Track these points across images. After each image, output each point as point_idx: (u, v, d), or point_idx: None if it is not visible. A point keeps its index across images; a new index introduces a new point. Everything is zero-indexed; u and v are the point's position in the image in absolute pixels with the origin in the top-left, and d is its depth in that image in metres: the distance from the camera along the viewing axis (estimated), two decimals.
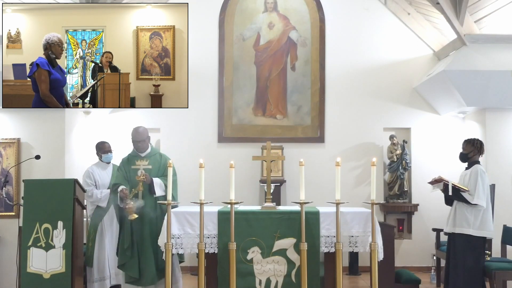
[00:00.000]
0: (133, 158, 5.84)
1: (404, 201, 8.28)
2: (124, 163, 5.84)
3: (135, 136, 5.79)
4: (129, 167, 5.76)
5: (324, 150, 8.42)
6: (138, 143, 5.78)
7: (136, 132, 5.79)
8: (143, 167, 5.71)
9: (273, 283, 5.17)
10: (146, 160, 5.79)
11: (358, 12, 8.57)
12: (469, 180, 5.57)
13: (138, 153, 5.83)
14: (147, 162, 5.77)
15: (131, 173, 5.72)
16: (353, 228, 5.23)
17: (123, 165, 5.84)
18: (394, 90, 8.50)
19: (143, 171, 5.64)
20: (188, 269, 8.05)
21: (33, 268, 5.28)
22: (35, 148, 7.07)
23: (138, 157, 5.82)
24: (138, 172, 5.62)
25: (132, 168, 5.75)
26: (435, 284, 7.21)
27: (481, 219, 5.50)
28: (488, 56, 7.20)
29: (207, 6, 8.46)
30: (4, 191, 6.84)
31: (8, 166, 7.01)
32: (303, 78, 8.51)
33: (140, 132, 5.78)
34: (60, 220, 5.30)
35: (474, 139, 5.81)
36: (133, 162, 5.79)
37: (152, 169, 5.74)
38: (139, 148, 5.80)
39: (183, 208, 5.61)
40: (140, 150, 5.81)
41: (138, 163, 5.77)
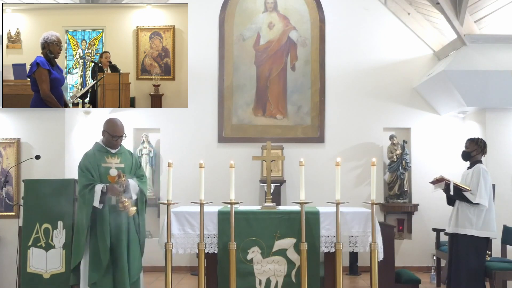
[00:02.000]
0: (101, 154, 4.92)
1: (404, 201, 8.29)
2: (90, 159, 4.88)
3: (114, 129, 4.91)
4: (97, 164, 4.85)
5: (324, 150, 8.42)
6: (116, 139, 4.91)
7: (115, 125, 4.93)
8: (115, 166, 4.87)
9: (273, 283, 5.17)
10: (117, 157, 4.95)
11: (358, 12, 8.57)
12: (471, 179, 5.55)
13: (109, 149, 4.95)
14: (118, 160, 4.94)
15: (101, 171, 4.83)
16: (353, 228, 5.23)
17: (89, 162, 4.86)
18: (394, 90, 8.50)
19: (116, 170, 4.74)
20: (188, 269, 8.06)
21: (33, 268, 5.28)
22: (35, 148, 7.07)
23: (108, 153, 4.93)
24: (110, 171, 4.69)
25: (103, 166, 4.85)
26: (435, 284, 7.21)
27: (483, 219, 5.49)
28: (488, 56, 7.21)
29: (207, 6, 8.46)
30: (4, 191, 6.84)
31: (8, 166, 7.01)
32: (303, 78, 8.51)
33: (119, 126, 4.95)
34: (60, 220, 5.30)
35: (478, 138, 5.79)
36: (102, 159, 4.89)
37: (124, 168, 4.93)
38: (115, 144, 4.94)
39: (183, 208, 5.61)
40: (115, 146, 4.95)
41: (108, 160, 4.91)
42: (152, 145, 8.47)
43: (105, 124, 4.95)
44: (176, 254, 5.42)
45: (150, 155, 8.38)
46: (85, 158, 4.90)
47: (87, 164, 4.84)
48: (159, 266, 7.68)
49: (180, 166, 7.68)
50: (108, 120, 4.98)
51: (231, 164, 5.09)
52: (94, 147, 4.97)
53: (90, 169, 4.82)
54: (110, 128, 4.91)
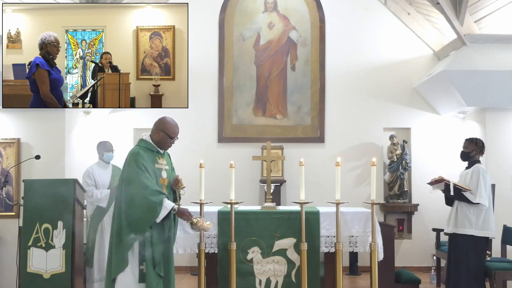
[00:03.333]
0: (152, 153, 4.38)
1: (404, 201, 8.29)
2: (143, 158, 4.25)
3: (174, 130, 4.46)
4: (151, 165, 4.30)
5: (324, 150, 8.42)
6: (173, 139, 4.47)
7: (174, 125, 4.48)
8: (164, 168, 4.41)
9: (273, 283, 5.17)
10: (164, 159, 4.47)
11: (358, 12, 8.57)
12: (470, 179, 5.55)
13: (160, 149, 4.45)
14: (164, 162, 4.46)
15: (156, 174, 4.32)
16: (353, 228, 5.23)
17: (144, 161, 4.23)
18: (394, 90, 8.51)
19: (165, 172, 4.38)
20: (188, 269, 8.06)
21: (33, 268, 5.28)
22: (35, 148, 7.06)
23: (159, 154, 4.43)
24: (162, 173, 4.35)
25: (156, 166, 4.35)
26: (435, 284, 7.21)
27: (483, 219, 5.49)
28: (488, 56, 7.21)
29: (207, 6, 8.47)
30: (4, 191, 6.83)
31: (8, 166, 7.01)
32: (303, 78, 8.51)
33: (177, 126, 4.52)
34: (60, 220, 5.30)
35: (477, 138, 5.80)
36: (154, 159, 4.35)
37: (168, 170, 4.47)
38: (169, 145, 4.48)
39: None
40: (167, 147, 4.49)
41: (160, 161, 4.40)
42: None
43: (161, 123, 4.43)
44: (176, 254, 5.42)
45: None
46: (139, 155, 4.24)
47: (145, 163, 4.22)
48: None
49: (180, 166, 7.65)
50: (164, 118, 4.48)
51: (231, 164, 5.09)
52: (143, 145, 4.37)
53: (148, 168, 4.24)
54: (169, 128, 4.43)
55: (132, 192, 4.12)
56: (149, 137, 4.43)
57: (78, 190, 5.54)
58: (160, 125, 4.42)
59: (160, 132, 4.39)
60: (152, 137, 4.41)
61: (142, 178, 4.13)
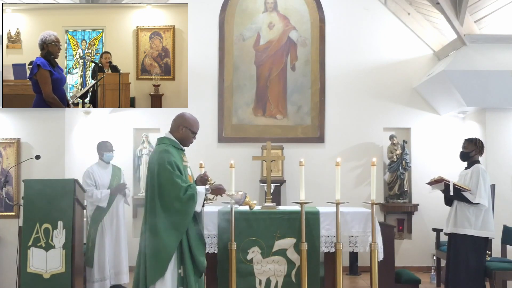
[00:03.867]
0: (178, 151, 4.22)
1: (404, 201, 8.29)
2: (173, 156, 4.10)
3: (196, 125, 4.31)
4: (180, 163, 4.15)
5: (324, 150, 8.42)
6: (195, 135, 4.34)
7: (196, 121, 4.33)
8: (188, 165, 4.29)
9: (273, 283, 5.17)
10: (185, 156, 4.33)
11: (358, 12, 8.57)
12: (470, 179, 5.55)
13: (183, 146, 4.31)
14: (186, 159, 4.32)
15: (185, 172, 4.18)
16: (353, 228, 5.24)
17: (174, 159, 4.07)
18: (394, 90, 8.51)
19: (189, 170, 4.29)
20: None
21: (33, 268, 5.28)
22: (35, 148, 7.06)
23: (182, 152, 4.29)
24: (188, 170, 4.23)
25: (184, 164, 4.21)
26: (435, 284, 7.21)
27: (482, 219, 5.49)
28: (488, 56, 7.21)
29: (207, 6, 8.46)
30: (4, 191, 6.83)
31: (8, 166, 7.01)
32: (303, 78, 8.51)
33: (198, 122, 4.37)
34: (60, 220, 5.30)
35: (476, 138, 5.80)
36: (181, 157, 4.22)
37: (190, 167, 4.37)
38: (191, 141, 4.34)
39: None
40: (189, 144, 4.34)
41: (184, 159, 4.26)
42: (152, 145, 8.46)
43: (183, 119, 4.25)
44: None
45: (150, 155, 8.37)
46: (168, 153, 4.07)
47: (176, 162, 4.05)
48: None
49: None
50: (185, 114, 4.29)
51: (231, 164, 5.09)
52: (168, 142, 4.20)
53: (179, 166, 4.08)
54: (193, 123, 4.27)
55: (168, 193, 3.98)
56: (170, 134, 4.26)
57: (78, 190, 5.54)
58: (181, 121, 4.24)
59: (183, 128, 4.23)
60: (174, 135, 4.24)
61: (175, 177, 3.98)
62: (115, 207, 6.40)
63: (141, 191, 8.35)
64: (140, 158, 8.38)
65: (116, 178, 6.53)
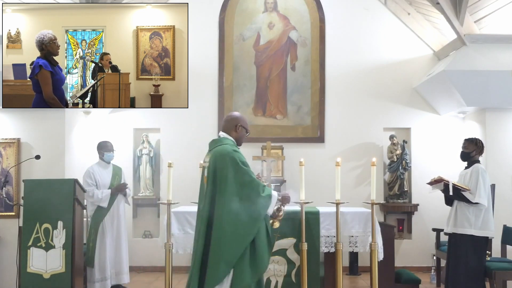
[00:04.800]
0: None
1: (404, 201, 8.29)
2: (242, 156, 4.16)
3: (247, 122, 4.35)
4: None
5: (324, 150, 8.42)
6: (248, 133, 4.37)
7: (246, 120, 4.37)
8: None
9: (273, 283, 5.17)
10: None
11: (358, 12, 8.57)
12: (469, 179, 5.56)
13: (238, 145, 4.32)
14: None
15: None
16: (353, 228, 5.24)
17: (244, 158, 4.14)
18: (394, 90, 8.50)
19: None
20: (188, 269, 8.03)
21: (33, 268, 5.28)
22: (35, 148, 7.06)
23: None
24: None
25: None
26: (435, 284, 7.21)
27: (482, 219, 5.49)
28: (488, 56, 7.21)
29: (207, 6, 8.46)
30: (4, 191, 6.84)
31: (8, 166, 7.01)
32: (303, 78, 8.51)
33: None
34: (60, 220, 5.31)
35: (476, 138, 5.81)
36: None
37: None
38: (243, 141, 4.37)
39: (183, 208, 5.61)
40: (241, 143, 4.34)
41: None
42: (152, 145, 8.47)
43: (237, 119, 4.26)
44: (176, 254, 5.42)
45: (150, 155, 8.38)
46: (239, 153, 4.10)
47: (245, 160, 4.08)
48: (159, 266, 7.71)
49: (180, 166, 7.67)
50: (237, 114, 4.33)
51: None
52: (231, 143, 4.20)
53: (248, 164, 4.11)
54: (247, 122, 4.31)
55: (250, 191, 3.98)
56: (226, 135, 4.24)
57: (78, 190, 5.54)
58: (236, 121, 4.24)
59: (239, 127, 4.23)
60: (231, 135, 4.23)
61: (252, 176, 4.00)
62: (115, 207, 6.41)
63: (141, 191, 8.35)
64: (140, 158, 8.38)
65: (117, 178, 6.54)
